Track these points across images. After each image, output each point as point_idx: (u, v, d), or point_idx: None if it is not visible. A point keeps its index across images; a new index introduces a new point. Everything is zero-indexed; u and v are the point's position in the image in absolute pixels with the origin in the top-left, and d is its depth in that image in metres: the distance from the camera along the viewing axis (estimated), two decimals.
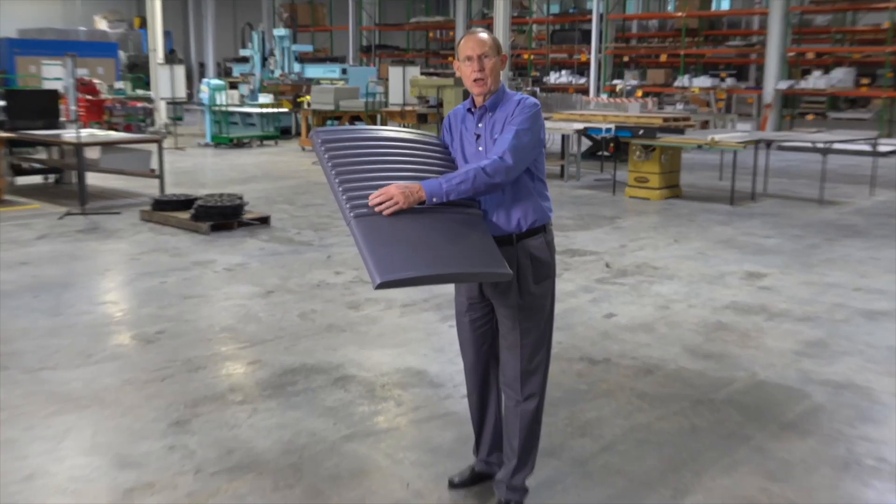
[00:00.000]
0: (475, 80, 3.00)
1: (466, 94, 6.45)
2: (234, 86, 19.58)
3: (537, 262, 3.05)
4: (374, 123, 15.76)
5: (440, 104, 14.13)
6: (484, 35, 3.05)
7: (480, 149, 3.06)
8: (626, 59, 24.15)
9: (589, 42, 22.32)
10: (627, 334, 5.28)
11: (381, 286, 2.54)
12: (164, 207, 8.52)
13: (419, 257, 2.62)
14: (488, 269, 2.73)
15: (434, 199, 2.85)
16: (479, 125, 3.08)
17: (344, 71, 19.97)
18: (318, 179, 11.67)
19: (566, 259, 7.07)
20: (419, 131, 3.16)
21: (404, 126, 14.31)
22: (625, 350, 5.02)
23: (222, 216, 8.20)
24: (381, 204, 2.81)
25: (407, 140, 3.02)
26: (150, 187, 10.30)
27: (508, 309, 3.04)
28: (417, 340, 5.06)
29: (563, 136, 12.46)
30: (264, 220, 8.43)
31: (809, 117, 20.19)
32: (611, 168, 12.67)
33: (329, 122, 16.12)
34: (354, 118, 16.33)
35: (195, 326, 5.34)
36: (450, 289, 5.23)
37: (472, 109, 3.10)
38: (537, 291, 3.05)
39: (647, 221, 8.87)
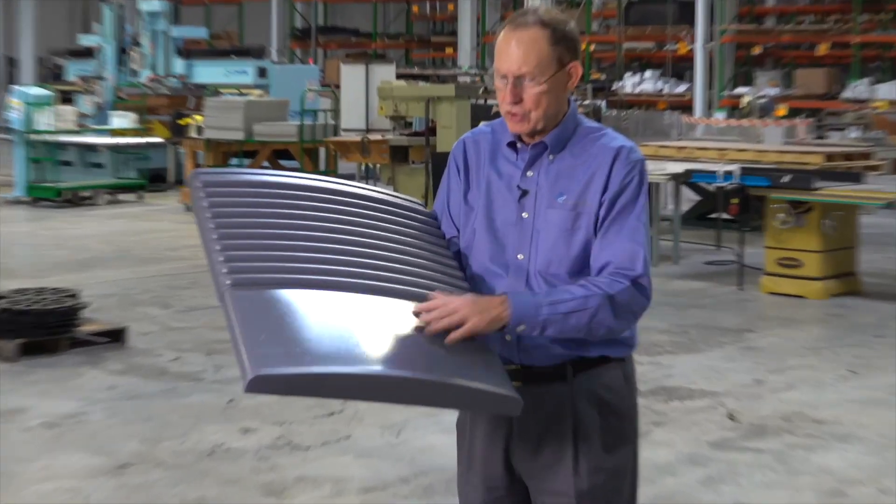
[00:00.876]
0: (509, 114, 2.76)
1: (483, 116, 6.53)
2: (67, 98, 17.59)
3: (610, 413, 2.80)
4: (314, 168, 14.65)
5: (431, 129, 12.81)
6: (533, 31, 2.70)
7: (526, 215, 2.76)
8: (756, 50, 22.65)
9: (691, 22, 20.33)
10: None
11: (253, 385, 2.28)
12: None
13: (344, 347, 2.39)
14: (476, 385, 2.45)
15: (520, 329, 2.62)
16: (529, 173, 2.78)
17: (262, 72, 17.92)
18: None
19: (658, 406, 6.44)
20: (385, 190, 2.91)
21: (364, 177, 13.70)
22: None
23: (41, 329, 7.40)
24: (436, 320, 2.55)
25: (351, 195, 2.78)
26: None
27: (559, 499, 2.76)
28: None
29: (649, 186, 9.64)
30: (116, 337, 7.72)
31: None
32: (734, 242, 11.14)
33: (234, 160, 15.06)
34: (278, 155, 15.17)
35: None
36: (449, 459, 4.00)
37: (518, 144, 2.80)
38: (609, 466, 2.80)
39: (799, 338, 8.21)
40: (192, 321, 8.49)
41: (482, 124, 2.98)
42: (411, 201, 2.94)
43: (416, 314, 2.59)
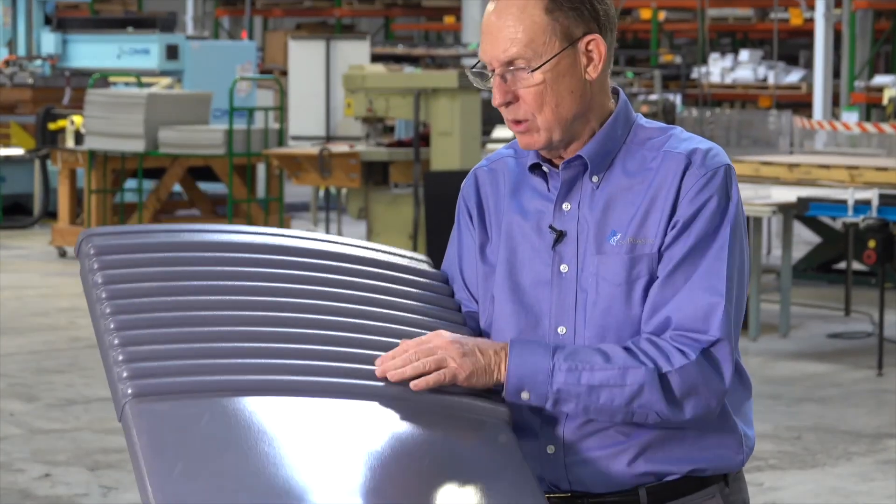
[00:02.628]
0: (511, 124, 2.90)
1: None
2: None
3: None
4: (248, 194, 14.96)
5: (423, 137, 13.21)
6: (514, 4, 2.84)
7: (565, 269, 2.89)
8: None
9: None
10: None
11: None
12: None
13: (289, 487, 2.59)
14: None
15: (523, 396, 2.79)
16: (566, 206, 2.91)
17: (172, 52, 18.13)
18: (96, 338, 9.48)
19: None
20: (359, 242, 3.14)
21: (324, 208, 13.61)
22: None
23: None
24: (402, 365, 2.76)
25: (313, 254, 3.01)
26: None
27: None
28: None
29: (745, 221, 10.07)
30: None
31: None
32: (870, 305, 11.91)
33: (131, 182, 15.65)
34: (195, 175, 15.64)
35: None
36: None
37: (542, 165, 2.96)
38: None
39: None
40: (68, 420, 8.72)
41: (503, 147, 3.10)
42: (407, 257, 3.08)
43: (386, 365, 2.77)
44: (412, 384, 2.70)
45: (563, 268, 2.84)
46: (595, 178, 2.85)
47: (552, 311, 2.86)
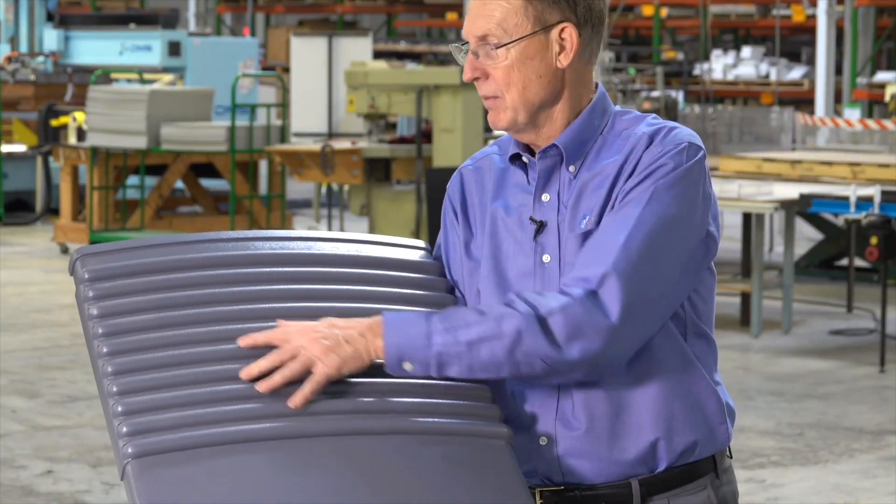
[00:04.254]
0: (484, 101, 2.97)
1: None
2: None
3: None
4: (250, 190, 15.06)
5: (425, 134, 13.27)
6: None
7: (548, 259, 2.91)
8: None
9: None
10: None
11: None
12: None
13: None
14: None
15: (407, 367, 2.79)
16: (545, 197, 2.93)
17: (174, 49, 18.25)
18: None
19: None
20: (373, 236, 3.12)
21: (326, 204, 13.74)
22: None
23: None
24: (274, 374, 2.73)
25: (327, 261, 2.95)
26: None
27: None
28: None
29: (745, 217, 12.89)
30: None
31: None
32: (872, 301, 11.93)
33: (133, 179, 15.68)
34: (198, 171, 15.60)
35: None
36: None
37: (522, 156, 2.99)
38: None
39: None
40: (70, 417, 8.70)
41: (490, 143, 3.14)
42: (404, 246, 3.01)
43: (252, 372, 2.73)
44: (290, 402, 2.65)
45: (546, 258, 2.86)
46: (572, 168, 2.87)
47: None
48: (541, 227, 2.87)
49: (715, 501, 2.94)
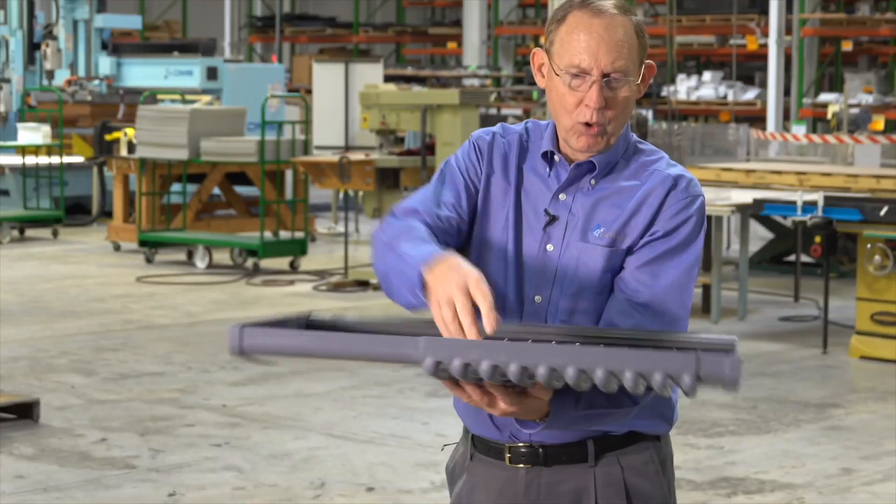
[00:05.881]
0: (582, 126, 2.82)
1: (491, 121, 6.26)
2: None
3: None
4: (274, 184, 14.99)
5: (429, 147, 13.14)
6: (620, 19, 2.81)
7: (551, 248, 2.88)
8: (847, 46, 22.74)
9: (763, 10, 20.87)
10: None
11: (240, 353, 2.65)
12: None
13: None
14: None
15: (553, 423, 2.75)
16: (562, 196, 2.90)
17: (212, 73, 18.02)
18: (146, 320, 11.33)
19: (718, 502, 6.64)
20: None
21: (343, 208, 13.41)
22: None
23: None
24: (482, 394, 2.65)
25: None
26: None
27: None
28: None
29: (708, 220, 12.38)
30: (25, 412, 7.89)
31: None
32: (816, 293, 11.59)
33: (176, 186, 15.39)
34: (232, 179, 15.55)
35: None
36: None
37: (555, 155, 2.90)
38: None
39: None
40: (122, 392, 8.68)
41: (515, 125, 3.03)
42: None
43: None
44: (474, 399, 2.63)
45: (549, 247, 2.89)
46: (593, 182, 2.90)
47: (533, 281, 2.90)
48: (553, 220, 2.90)
49: (657, 459, 2.98)
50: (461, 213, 2.91)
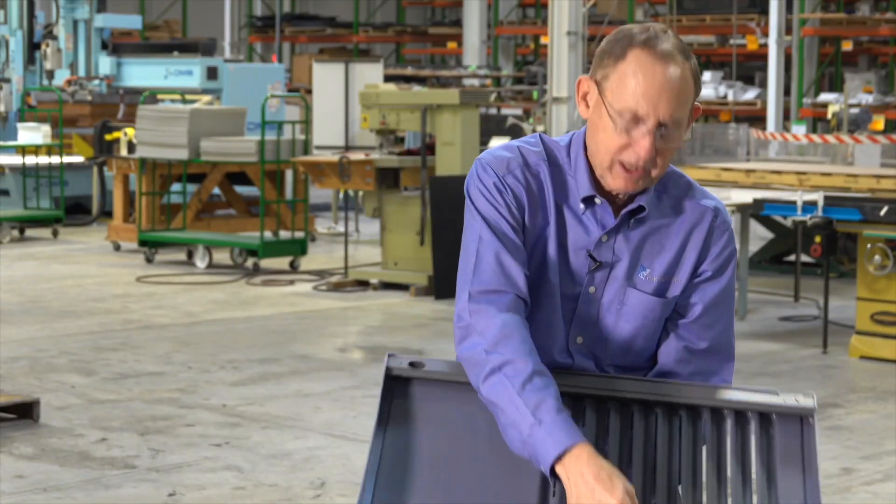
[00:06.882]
0: (621, 168, 2.72)
1: (497, 130, 6.56)
2: None
3: None
4: (274, 184, 14.97)
5: (429, 147, 13.02)
6: (682, 66, 2.70)
7: (593, 290, 2.83)
8: (847, 46, 22.91)
9: (763, 10, 20.81)
10: None
11: None
12: None
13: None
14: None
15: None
16: (605, 239, 2.81)
17: (212, 73, 17.98)
18: (146, 320, 11.30)
19: None
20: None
21: (343, 208, 13.37)
22: None
23: None
24: None
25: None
26: None
27: None
28: None
29: None
30: (25, 412, 7.85)
31: None
32: (816, 293, 11.57)
33: (176, 186, 15.32)
34: (232, 179, 15.51)
35: None
36: None
37: (597, 199, 2.79)
38: None
39: None
40: (122, 392, 8.64)
41: (523, 142, 2.89)
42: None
43: None
44: None
45: (591, 289, 2.84)
46: (635, 227, 2.84)
47: (574, 321, 2.86)
48: (598, 266, 2.82)
49: None
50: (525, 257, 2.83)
